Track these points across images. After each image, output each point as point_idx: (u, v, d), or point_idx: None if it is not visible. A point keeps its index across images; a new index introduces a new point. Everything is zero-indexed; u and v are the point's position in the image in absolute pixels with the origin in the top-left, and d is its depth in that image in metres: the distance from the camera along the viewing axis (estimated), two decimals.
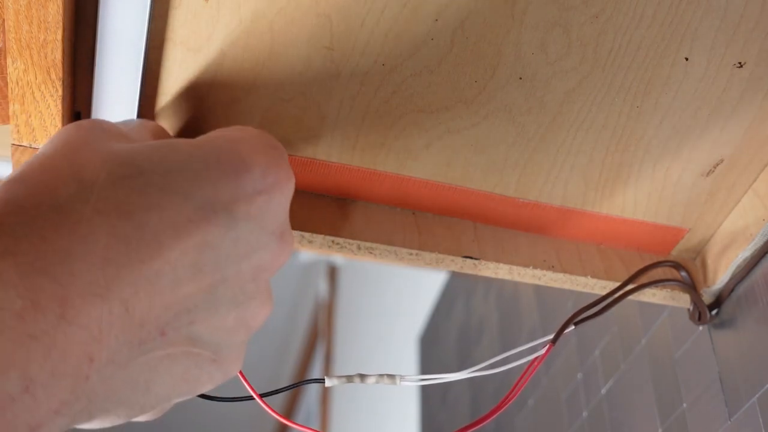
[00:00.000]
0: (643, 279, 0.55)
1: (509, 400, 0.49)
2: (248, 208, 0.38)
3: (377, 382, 0.49)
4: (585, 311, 0.52)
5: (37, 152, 0.37)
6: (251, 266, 0.38)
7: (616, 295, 0.53)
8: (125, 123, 0.44)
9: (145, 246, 0.34)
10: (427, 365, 1.32)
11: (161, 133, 0.44)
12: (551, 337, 0.51)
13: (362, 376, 0.49)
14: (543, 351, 0.50)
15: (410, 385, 0.50)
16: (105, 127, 0.39)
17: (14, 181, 0.35)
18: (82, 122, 0.39)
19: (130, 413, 0.37)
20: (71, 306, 0.32)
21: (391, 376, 0.49)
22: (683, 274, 0.56)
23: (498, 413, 0.49)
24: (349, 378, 0.49)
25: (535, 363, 0.50)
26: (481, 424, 0.49)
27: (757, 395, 0.54)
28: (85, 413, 0.34)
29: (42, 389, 0.31)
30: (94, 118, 0.40)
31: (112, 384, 0.34)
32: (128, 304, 0.34)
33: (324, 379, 0.49)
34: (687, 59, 0.47)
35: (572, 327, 0.52)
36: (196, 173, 0.37)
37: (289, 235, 0.40)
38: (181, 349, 0.37)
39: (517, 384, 0.50)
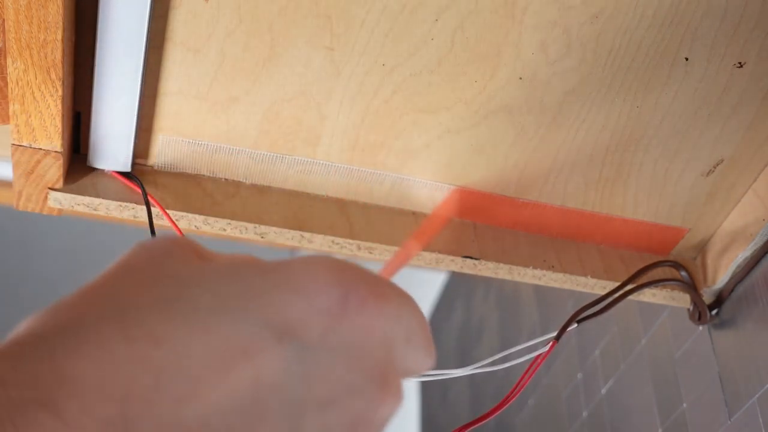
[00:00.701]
0: (644, 279, 0.55)
1: (512, 398, 0.49)
2: (324, 332, 0.28)
3: None
4: (587, 309, 0.52)
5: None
6: (339, 419, 0.28)
7: (618, 294, 0.53)
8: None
9: (180, 381, 0.26)
10: None
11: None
12: (554, 334, 0.51)
13: None
14: (546, 348, 0.50)
15: (410, 380, 0.50)
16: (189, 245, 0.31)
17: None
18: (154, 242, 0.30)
19: None
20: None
21: None
22: (683, 273, 0.56)
23: (501, 410, 0.49)
24: None
25: (539, 360, 0.50)
26: (484, 421, 0.49)
27: (757, 395, 0.54)
28: None
29: None
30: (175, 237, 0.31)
31: None
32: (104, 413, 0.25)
33: None
34: (687, 59, 0.47)
35: (575, 325, 0.52)
36: (256, 288, 0.28)
37: (395, 380, 0.30)
38: None
39: (520, 381, 0.50)
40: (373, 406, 0.29)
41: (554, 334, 0.51)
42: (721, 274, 0.57)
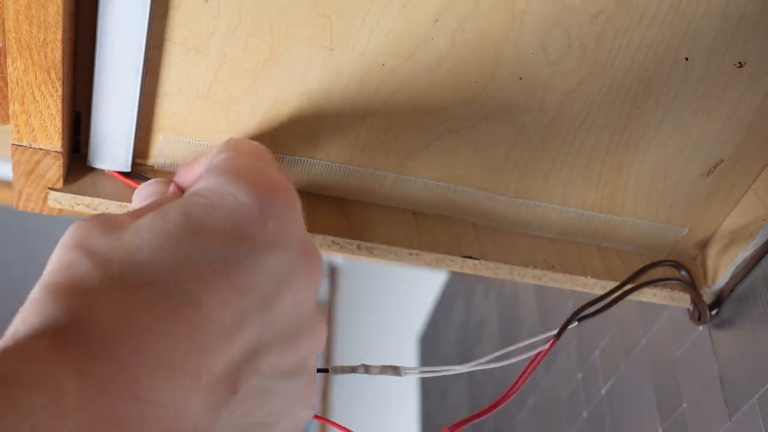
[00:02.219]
0: (644, 278, 0.55)
1: (512, 394, 0.50)
2: (263, 238, 0.37)
3: (381, 373, 0.49)
4: (588, 308, 0.52)
5: (46, 269, 0.37)
6: (290, 294, 0.38)
7: (619, 293, 0.53)
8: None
9: (184, 310, 0.34)
10: (427, 365, 1.32)
11: (162, 190, 0.44)
12: (555, 332, 0.51)
13: (366, 367, 0.49)
14: (547, 346, 0.50)
15: (413, 377, 0.51)
16: (102, 219, 0.38)
17: (37, 292, 0.35)
18: (76, 225, 0.38)
19: None
20: (143, 385, 0.32)
21: (395, 368, 0.50)
22: (683, 273, 0.56)
23: (500, 407, 0.49)
24: (354, 368, 0.49)
25: (539, 357, 0.50)
26: (483, 417, 0.49)
27: (757, 395, 0.54)
28: None
29: None
30: (89, 218, 0.39)
31: None
32: (190, 370, 0.34)
33: (328, 369, 0.49)
34: (687, 59, 0.47)
35: (575, 323, 0.52)
36: (202, 231, 0.37)
37: (311, 248, 0.39)
38: (255, 400, 0.37)
39: (520, 378, 0.50)
40: (307, 273, 0.38)
41: (555, 332, 0.51)
42: (721, 274, 0.57)
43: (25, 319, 0.33)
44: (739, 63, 0.47)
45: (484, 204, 0.54)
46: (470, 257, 0.53)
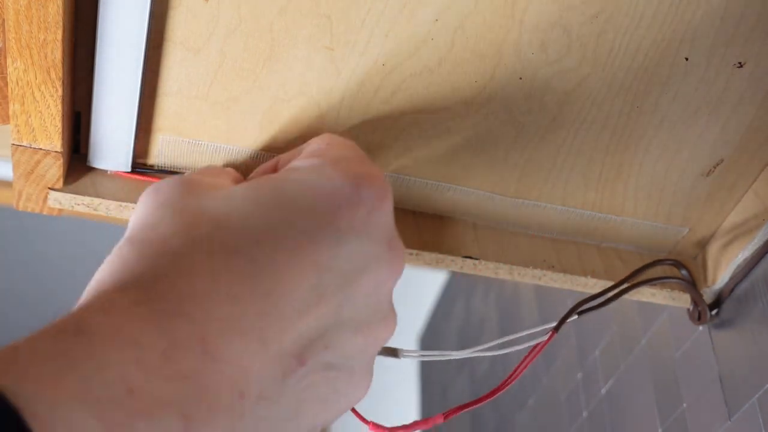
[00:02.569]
0: (644, 276, 0.55)
1: (509, 383, 0.50)
2: (351, 222, 0.38)
3: (380, 354, 0.49)
4: (588, 302, 0.52)
5: (131, 223, 0.38)
6: (369, 280, 0.39)
7: (620, 288, 0.53)
8: (204, 171, 0.44)
9: (264, 279, 0.35)
10: (427, 365, 1.32)
11: (237, 176, 0.45)
12: (554, 324, 0.51)
13: None
14: (545, 338, 0.50)
15: (412, 359, 0.50)
16: (191, 181, 0.40)
17: (123, 245, 0.36)
18: (165, 183, 0.39)
19: None
20: (212, 343, 0.33)
21: (393, 350, 0.50)
22: (684, 272, 0.56)
23: (496, 395, 0.49)
24: None
25: (538, 348, 0.50)
26: (482, 403, 0.49)
27: (757, 395, 0.54)
28: None
29: (200, 428, 0.32)
30: (177, 178, 0.40)
31: (265, 420, 0.36)
32: (262, 336, 0.35)
33: None
34: (687, 59, 0.47)
35: (575, 316, 0.52)
36: (292, 205, 0.38)
37: (397, 242, 0.40)
38: (321, 375, 0.38)
39: (518, 368, 0.50)
40: (389, 264, 0.39)
41: (554, 324, 0.51)
42: (721, 273, 0.57)
43: (112, 273, 0.35)
44: (739, 63, 0.47)
45: (484, 204, 0.54)
46: (470, 257, 0.53)
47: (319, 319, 0.37)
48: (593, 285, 0.55)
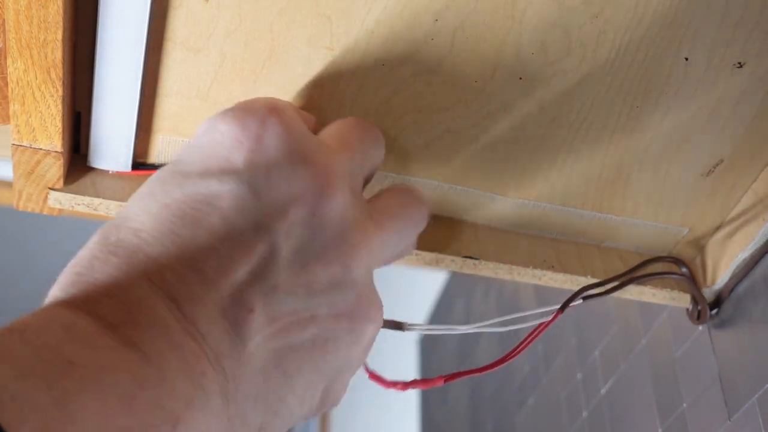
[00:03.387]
0: (646, 271, 0.55)
1: (510, 358, 0.49)
2: (240, 165, 0.38)
3: (384, 327, 0.47)
4: (593, 288, 0.52)
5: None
6: (298, 207, 0.38)
7: (624, 279, 0.53)
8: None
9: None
10: (427, 365, 1.32)
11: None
12: (558, 306, 0.50)
13: None
14: (550, 318, 0.50)
15: (416, 331, 0.49)
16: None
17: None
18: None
19: (289, 412, 0.37)
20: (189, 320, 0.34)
21: (398, 323, 0.48)
22: (684, 270, 0.56)
23: (499, 367, 0.48)
24: None
25: (542, 326, 0.49)
26: (481, 373, 0.48)
27: (757, 395, 0.54)
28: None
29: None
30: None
31: (247, 389, 0.35)
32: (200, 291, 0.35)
33: None
34: (687, 59, 0.47)
35: (580, 300, 0.51)
36: (182, 175, 0.39)
37: (323, 167, 0.39)
38: (289, 322, 0.37)
39: (520, 344, 0.49)
40: (313, 182, 0.38)
41: (560, 307, 0.51)
42: (720, 273, 0.57)
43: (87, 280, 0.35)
44: (739, 63, 0.47)
45: (484, 204, 0.54)
46: (470, 257, 0.53)
47: (251, 256, 0.36)
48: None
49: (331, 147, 0.40)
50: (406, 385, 0.47)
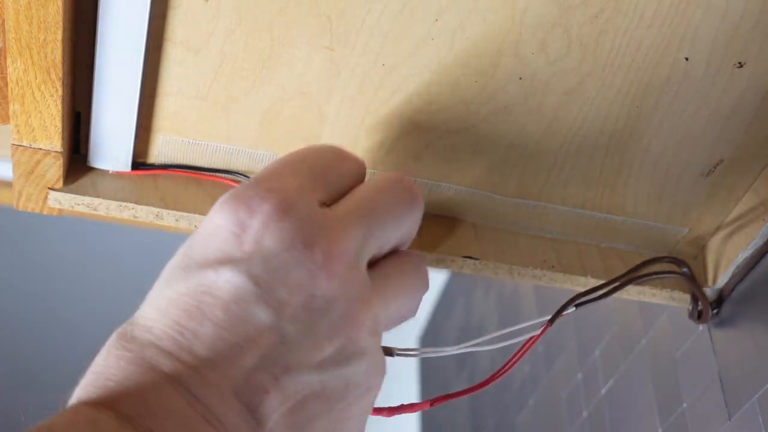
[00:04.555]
0: (644, 272, 0.55)
1: (500, 375, 0.49)
2: (238, 255, 0.38)
3: None
4: (585, 295, 0.52)
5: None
6: (294, 285, 0.38)
7: (618, 282, 0.53)
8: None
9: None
10: (427, 365, 1.32)
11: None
12: (548, 318, 0.50)
13: None
14: (539, 331, 0.50)
15: (406, 357, 0.50)
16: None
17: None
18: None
19: None
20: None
21: (388, 349, 0.49)
22: (685, 269, 0.56)
23: (487, 386, 0.49)
24: None
25: (531, 341, 0.50)
26: (469, 394, 0.49)
27: (757, 395, 0.54)
28: None
29: None
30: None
31: None
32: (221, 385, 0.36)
33: None
34: (687, 59, 0.47)
35: (573, 308, 0.51)
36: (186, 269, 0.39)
37: (317, 240, 0.39)
38: (306, 402, 0.38)
39: (510, 360, 0.50)
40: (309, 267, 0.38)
41: (549, 319, 0.51)
42: (721, 273, 0.57)
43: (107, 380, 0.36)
44: (739, 63, 0.47)
45: (484, 204, 0.54)
46: (470, 257, 0.53)
47: (259, 342, 0.37)
48: (593, 285, 0.55)
49: (342, 220, 0.40)
50: (392, 411, 0.48)
